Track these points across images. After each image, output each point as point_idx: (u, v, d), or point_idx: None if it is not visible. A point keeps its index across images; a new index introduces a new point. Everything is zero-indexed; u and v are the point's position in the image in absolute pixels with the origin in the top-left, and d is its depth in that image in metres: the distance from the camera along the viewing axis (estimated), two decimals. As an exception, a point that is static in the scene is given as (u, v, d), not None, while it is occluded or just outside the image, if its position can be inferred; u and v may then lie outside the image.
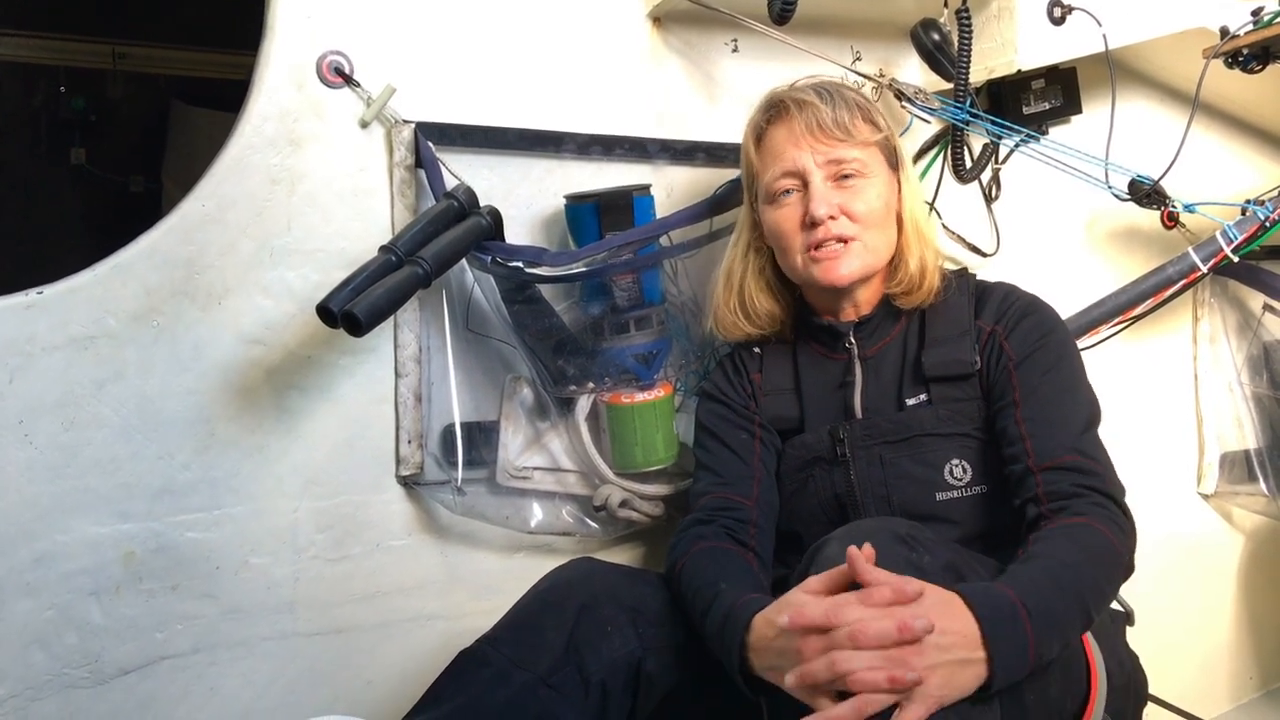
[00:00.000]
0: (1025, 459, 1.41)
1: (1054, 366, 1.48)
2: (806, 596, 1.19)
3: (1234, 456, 2.31)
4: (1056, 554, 1.27)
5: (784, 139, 1.56)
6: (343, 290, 1.50)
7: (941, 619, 1.12)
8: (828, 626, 1.13)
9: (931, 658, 1.10)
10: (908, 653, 1.09)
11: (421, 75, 1.71)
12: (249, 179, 1.62)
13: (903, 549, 1.23)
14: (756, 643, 1.24)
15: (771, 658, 1.22)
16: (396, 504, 1.74)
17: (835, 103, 1.54)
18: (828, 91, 1.57)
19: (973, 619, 1.13)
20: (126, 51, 4.46)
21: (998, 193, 2.15)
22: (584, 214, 1.74)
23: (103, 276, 1.54)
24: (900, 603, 1.12)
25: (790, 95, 1.58)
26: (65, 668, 1.54)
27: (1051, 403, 1.45)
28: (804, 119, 1.54)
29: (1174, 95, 2.25)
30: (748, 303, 1.65)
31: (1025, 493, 1.40)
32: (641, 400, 1.75)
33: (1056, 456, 1.39)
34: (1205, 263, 1.91)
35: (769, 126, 1.59)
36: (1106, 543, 1.30)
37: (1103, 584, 1.29)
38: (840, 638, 1.11)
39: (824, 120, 1.52)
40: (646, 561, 1.91)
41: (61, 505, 1.53)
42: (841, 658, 1.10)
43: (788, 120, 1.56)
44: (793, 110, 1.55)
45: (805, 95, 1.56)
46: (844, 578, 1.17)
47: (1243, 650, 2.40)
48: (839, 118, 1.53)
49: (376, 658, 1.74)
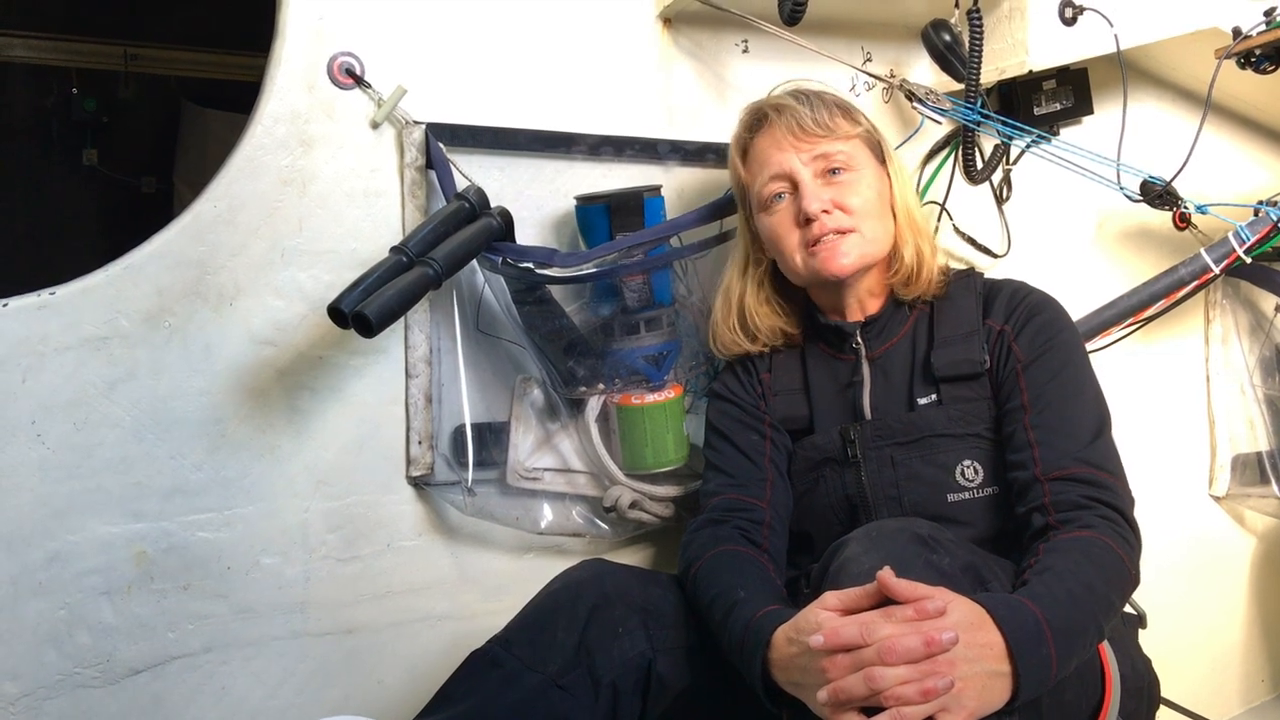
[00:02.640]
0: (1032, 467, 1.41)
1: (1061, 370, 1.48)
2: (832, 615, 1.18)
3: (1246, 458, 2.30)
4: (1073, 570, 1.26)
5: (768, 145, 1.58)
6: (354, 291, 1.50)
7: (968, 633, 1.12)
8: (861, 646, 1.12)
9: (962, 670, 1.10)
10: (939, 664, 1.09)
11: (432, 76, 1.72)
12: (260, 180, 1.62)
13: (923, 550, 1.23)
14: (778, 658, 1.24)
15: (795, 674, 1.21)
16: (407, 504, 1.75)
17: (813, 103, 1.57)
18: (804, 95, 1.60)
19: (999, 634, 1.13)
20: (138, 53, 4.46)
21: (1009, 194, 2.14)
22: (595, 215, 1.74)
23: (115, 277, 1.55)
24: (925, 619, 1.12)
25: (768, 104, 1.61)
26: (77, 667, 1.54)
27: (1059, 409, 1.45)
28: (784, 123, 1.56)
29: (1186, 96, 2.25)
30: (748, 319, 1.66)
31: (1031, 501, 1.40)
32: (652, 401, 1.75)
33: (1064, 467, 1.39)
34: (1217, 264, 1.90)
35: (752, 138, 1.61)
36: (1117, 559, 1.31)
37: (1114, 600, 1.29)
38: (869, 655, 1.11)
39: (804, 120, 1.54)
40: (656, 563, 1.91)
41: (73, 505, 1.53)
42: (876, 673, 1.09)
43: (769, 128, 1.58)
44: (772, 117, 1.58)
45: (783, 100, 1.59)
46: (865, 597, 1.17)
47: (1255, 653, 2.38)
48: (818, 116, 1.55)
49: (387, 658, 1.74)
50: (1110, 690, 1.31)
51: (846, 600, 1.18)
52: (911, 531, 1.26)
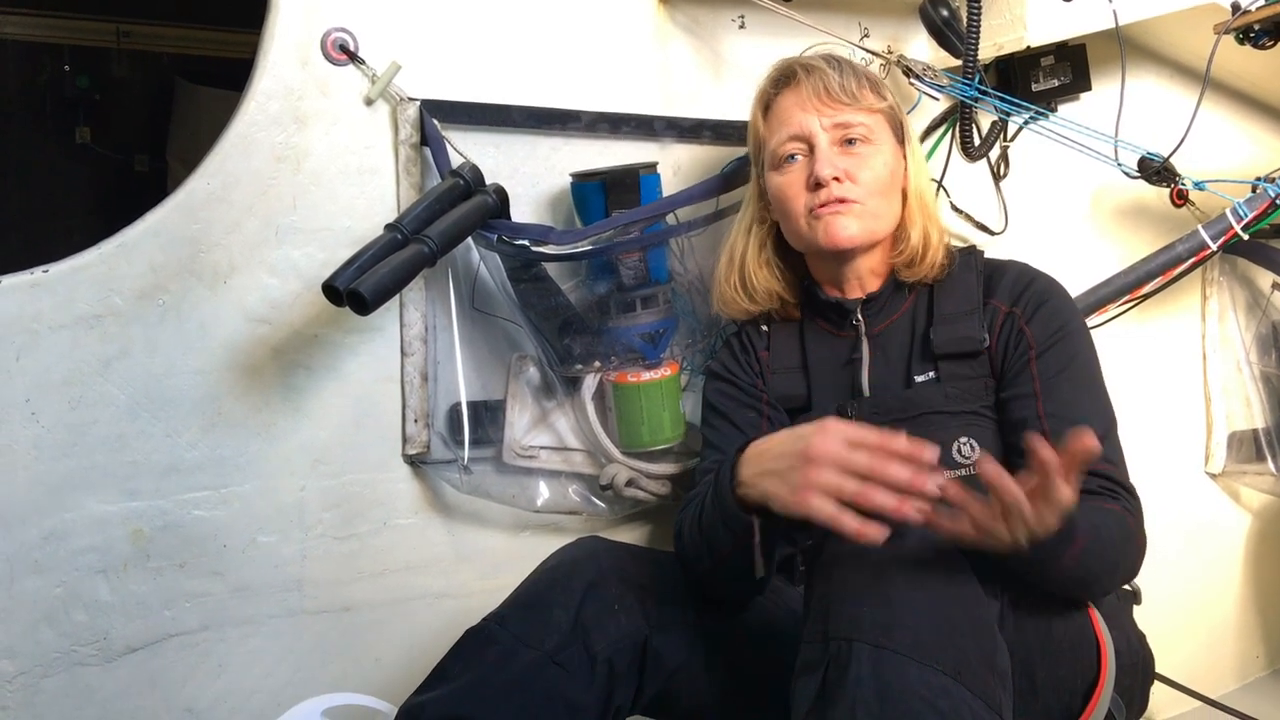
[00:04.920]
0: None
1: (1072, 361, 1.48)
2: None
3: (1242, 435, 2.30)
4: (1100, 520, 1.30)
5: (791, 104, 1.56)
6: (348, 268, 1.49)
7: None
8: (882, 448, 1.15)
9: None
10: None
11: (427, 52, 1.70)
12: (254, 157, 1.61)
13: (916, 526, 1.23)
14: (752, 454, 1.28)
15: (769, 460, 1.24)
16: (403, 483, 1.75)
17: (843, 70, 1.56)
18: (836, 61, 1.58)
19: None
20: (130, 29, 4.45)
21: (1006, 170, 2.14)
22: (590, 192, 1.73)
23: (108, 255, 1.54)
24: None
25: (799, 62, 1.59)
26: (74, 645, 1.54)
27: (1074, 402, 1.45)
28: (811, 84, 1.54)
29: (1184, 72, 2.24)
30: (748, 279, 1.65)
31: None
32: (648, 379, 1.75)
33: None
34: (1214, 240, 1.90)
35: (777, 94, 1.59)
36: (1135, 532, 1.36)
37: (1132, 560, 1.37)
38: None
39: (831, 85, 1.53)
40: (653, 541, 1.91)
41: (69, 483, 1.53)
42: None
43: (795, 87, 1.56)
44: (801, 76, 1.56)
45: (814, 62, 1.57)
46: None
47: (1250, 629, 2.39)
48: (846, 84, 1.54)
49: (384, 635, 1.75)
50: (1105, 666, 1.31)
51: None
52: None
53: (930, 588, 1.17)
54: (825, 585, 1.20)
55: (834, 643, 1.14)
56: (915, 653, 1.11)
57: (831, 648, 1.14)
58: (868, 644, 1.12)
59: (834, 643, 1.14)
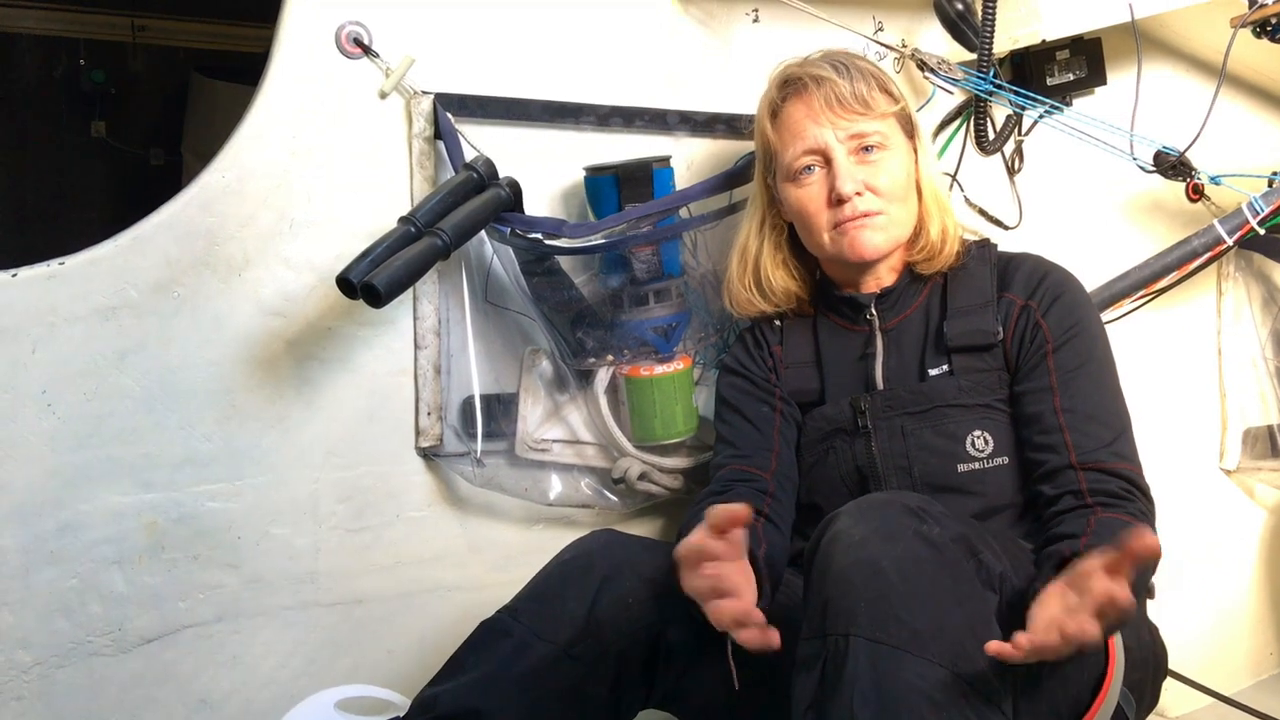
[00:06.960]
0: (1064, 452, 1.42)
1: (1089, 357, 1.48)
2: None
3: (1257, 432, 2.29)
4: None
5: (803, 115, 1.54)
6: (362, 261, 1.50)
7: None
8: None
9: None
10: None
11: (441, 46, 1.71)
12: (268, 151, 1.62)
13: (913, 521, 1.22)
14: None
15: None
16: (416, 475, 1.75)
17: (852, 75, 1.53)
18: (842, 64, 1.55)
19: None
20: (146, 24, 4.47)
21: (1021, 165, 2.12)
22: (603, 186, 1.73)
23: (124, 247, 1.55)
24: None
25: (805, 70, 1.56)
26: (89, 636, 1.55)
27: (1091, 399, 1.45)
28: (822, 94, 1.52)
29: (1200, 65, 2.22)
30: (763, 280, 1.65)
31: (1064, 485, 1.40)
32: (660, 373, 1.75)
33: (1100, 460, 1.41)
34: (1231, 235, 1.89)
35: (785, 103, 1.57)
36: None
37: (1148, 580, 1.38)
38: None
39: (843, 94, 1.51)
40: (666, 534, 1.91)
41: (85, 475, 1.54)
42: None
43: (805, 96, 1.54)
44: (810, 86, 1.53)
45: (821, 70, 1.54)
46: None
47: (1264, 626, 2.38)
48: (857, 90, 1.51)
49: (397, 628, 1.75)
50: (1113, 659, 1.30)
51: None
52: (901, 503, 1.25)
53: (927, 581, 1.17)
54: (822, 581, 1.20)
55: (831, 638, 1.15)
56: (912, 646, 1.11)
57: (829, 643, 1.15)
58: (864, 639, 1.12)
59: (831, 638, 1.15)
